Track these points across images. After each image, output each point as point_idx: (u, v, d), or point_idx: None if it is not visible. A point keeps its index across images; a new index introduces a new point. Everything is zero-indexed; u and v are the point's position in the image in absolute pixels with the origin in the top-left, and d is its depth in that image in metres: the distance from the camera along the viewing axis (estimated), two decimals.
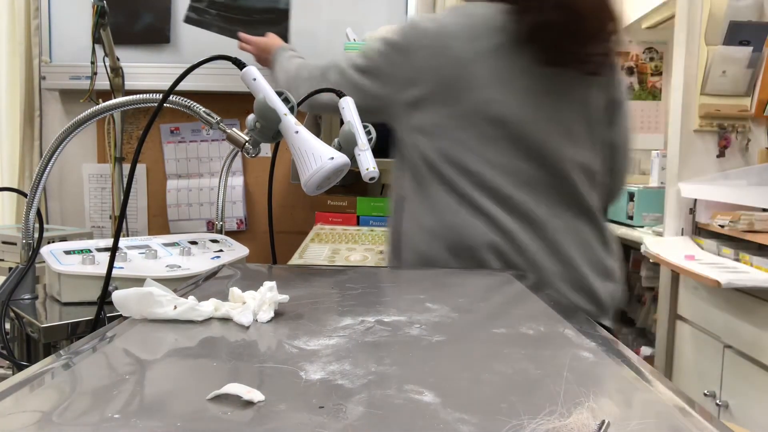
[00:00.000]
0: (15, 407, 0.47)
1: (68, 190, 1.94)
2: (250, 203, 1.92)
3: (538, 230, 1.08)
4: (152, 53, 1.83)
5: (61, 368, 0.57)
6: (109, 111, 0.98)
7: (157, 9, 1.82)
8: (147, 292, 0.72)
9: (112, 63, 1.67)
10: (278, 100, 0.91)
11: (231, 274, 1.04)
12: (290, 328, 0.69)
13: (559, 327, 0.72)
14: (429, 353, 0.62)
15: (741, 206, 1.87)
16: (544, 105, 1.10)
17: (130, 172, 0.90)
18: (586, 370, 0.59)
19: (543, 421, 0.44)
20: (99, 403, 0.48)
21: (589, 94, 1.13)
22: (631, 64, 3.04)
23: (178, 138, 1.90)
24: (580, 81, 1.12)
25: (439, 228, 1.10)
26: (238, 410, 0.47)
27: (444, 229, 1.10)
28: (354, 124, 1.05)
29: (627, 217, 2.62)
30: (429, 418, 0.45)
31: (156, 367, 0.58)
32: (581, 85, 1.12)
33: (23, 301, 1.08)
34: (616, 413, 0.46)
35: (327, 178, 0.89)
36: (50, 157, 1.00)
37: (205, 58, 0.91)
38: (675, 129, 2.14)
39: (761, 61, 2.04)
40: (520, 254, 1.07)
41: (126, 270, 1.06)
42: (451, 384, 0.53)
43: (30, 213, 1.03)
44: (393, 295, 0.88)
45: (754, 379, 1.63)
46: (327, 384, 0.52)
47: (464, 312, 0.78)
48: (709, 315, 1.88)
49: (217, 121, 0.95)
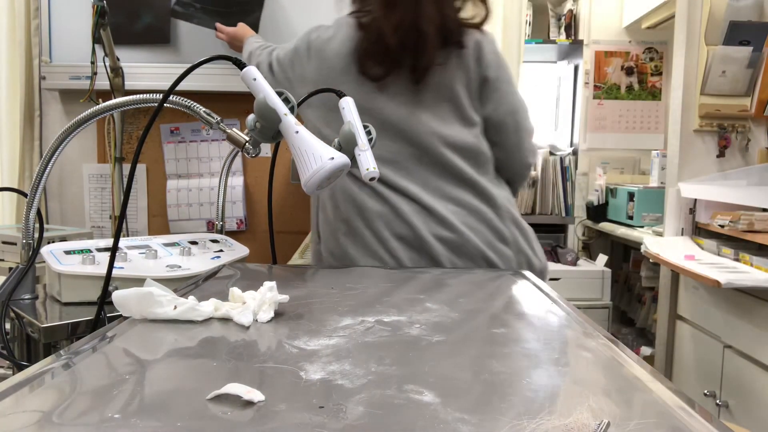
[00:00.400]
0: (15, 407, 0.47)
1: (68, 190, 1.94)
2: (250, 203, 1.92)
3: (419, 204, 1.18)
4: (152, 53, 1.83)
5: (61, 368, 0.57)
6: (109, 111, 0.98)
7: (157, 9, 1.82)
8: (147, 292, 0.72)
9: (112, 63, 1.67)
10: (278, 100, 0.91)
11: (231, 274, 1.04)
12: (290, 328, 0.69)
13: (560, 327, 0.72)
14: (429, 353, 0.62)
15: (741, 206, 1.87)
16: (409, 94, 1.20)
17: (130, 172, 0.90)
18: (586, 370, 0.59)
19: (543, 421, 0.44)
20: (99, 403, 0.48)
21: (453, 78, 1.20)
22: (631, 64, 3.04)
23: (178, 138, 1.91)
24: (439, 71, 1.19)
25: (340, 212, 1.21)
26: (238, 410, 0.47)
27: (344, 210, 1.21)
28: (354, 124, 1.05)
29: (627, 217, 2.62)
30: (429, 418, 0.45)
31: (156, 367, 0.58)
32: (440, 73, 1.19)
33: (23, 301, 1.08)
34: (616, 413, 0.46)
35: (327, 178, 0.89)
36: (50, 157, 1.00)
37: (205, 58, 0.91)
38: (675, 129, 2.14)
39: (761, 61, 2.04)
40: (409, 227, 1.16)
41: (126, 270, 1.06)
42: (451, 384, 0.53)
43: (30, 213, 1.03)
44: (393, 295, 0.88)
45: (754, 379, 1.63)
46: (327, 384, 0.52)
47: (464, 312, 0.78)
48: (709, 315, 1.88)
49: (217, 121, 0.95)
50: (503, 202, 1.23)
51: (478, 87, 1.23)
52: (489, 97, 1.24)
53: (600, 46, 3.03)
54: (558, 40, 3.02)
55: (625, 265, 3.02)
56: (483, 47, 1.22)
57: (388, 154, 1.19)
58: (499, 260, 1.17)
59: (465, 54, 1.20)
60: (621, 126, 3.07)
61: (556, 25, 3.10)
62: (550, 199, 2.93)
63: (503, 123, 1.25)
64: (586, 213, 2.95)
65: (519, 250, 1.21)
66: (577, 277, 2.57)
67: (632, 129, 3.08)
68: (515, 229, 1.22)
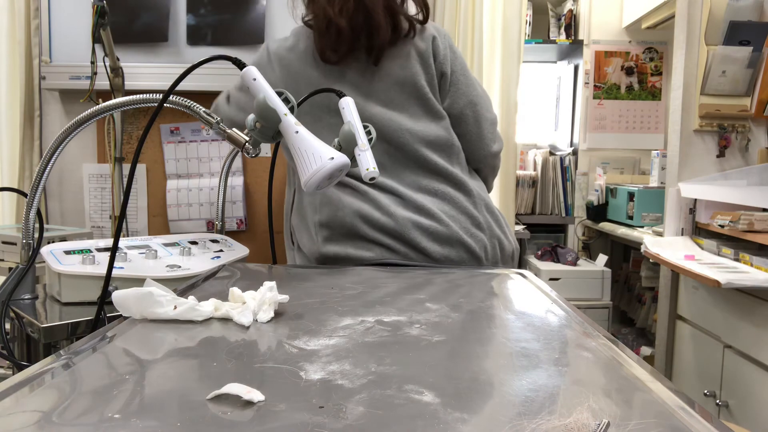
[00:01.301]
0: (15, 407, 0.47)
1: (68, 190, 1.94)
2: (250, 203, 1.92)
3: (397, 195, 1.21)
4: (152, 53, 1.83)
5: (61, 368, 0.57)
6: (109, 111, 0.98)
7: (157, 9, 1.82)
8: (147, 292, 0.72)
9: (112, 63, 1.66)
10: (278, 100, 0.91)
11: (231, 274, 1.04)
12: (290, 328, 0.69)
13: (559, 327, 0.72)
14: (429, 353, 0.62)
15: (741, 206, 1.87)
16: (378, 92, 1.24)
17: (130, 172, 0.90)
18: (586, 370, 0.59)
19: (543, 421, 0.44)
20: (99, 403, 0.48)
21: (415, 75, 1.24)
22: (631, 64, 3.04)
23: (178, 138, 1.90)
24: (400, 65, 1.24)
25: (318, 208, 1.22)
26: (238, 410, 0.47)
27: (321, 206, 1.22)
28: (354, 124, 1.05)
29: (627, 217, 2.62)
30: (429, 418, 0.45)
31: (156, 367, 0.58)
32: (402, 70, 1.24)
33: (23, 301, 1.08)
34: (616, 413, 0.46)
35: (327, 178, 0.89)
36: (50, 157, 1.00)
37: (205, 58, 0.91)
38: (675, 129, 2.14)
39: (761, 61, 2.04)
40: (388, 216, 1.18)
41: (126, 270, 1.06)
42: (451, 384, 0.53)
43: (30, 213, 1.03)
44: (393, 295, 0.88)
45: (754, 379, 1.63)
46: (327, 384, 0.52)
47: (464, 312, 0.78)
48: (709, 315, 1.88)
49: (217, 121, 0.95)
50: (477, 190, 1.28)
51: (438, 82, 1.28)
52: (447, 91, 1.28)
53: (600, 46, 3.03)
54: (558, 40, 3.02)
55: (625, 265, 3.02)
56: (438, 42, 1.27)
57: None
58: (475, 245, 1.22)
59: (422, 50, 1.25)
60: (621, 126, 3.07)
61: (556, 25, 3.10)
62: (550, 199, 2.93)
63: (463, 115, 1.29)
64: (586, 213, 2.95)
65: (492, 234, 1.26)
66: (577, 277, 2.57)
67: (632, 129, 3.08)
68: (488, 215, 1.27)
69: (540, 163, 2.94)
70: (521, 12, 2.42)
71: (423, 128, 1.24)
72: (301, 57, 1.25)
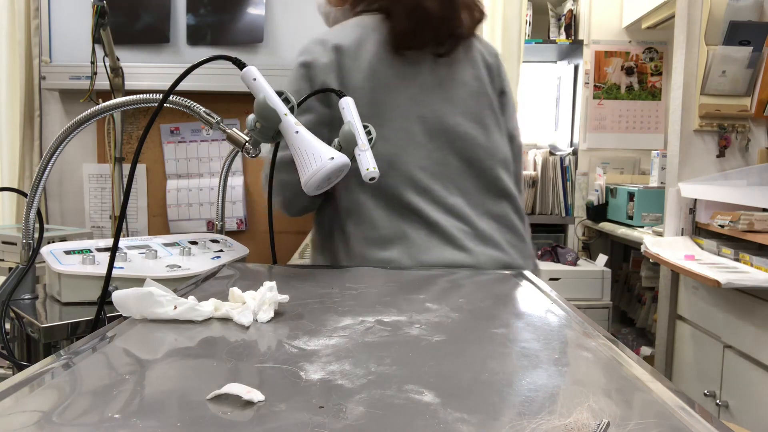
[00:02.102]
0: (15, 407, 0.47)
1: (68, 190, 1.94)
2: (250, 203, 1.92)
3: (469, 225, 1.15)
4: (152, 53, 1.83)
5: (61, 368, 0.57)
6: (109, 111, 0.98)
7: (157, 9, 1.82)
8: (147, 292, 0.72)
9: (112, 63, 1.66)
10: (278, 100, 0.91)
11: (231, 274, 1.04)
12: (290, 328, 0.69)
13: (559, 327, 0.72)
14: (429, 353, 0.62)
15: (741, 206, 1.87)
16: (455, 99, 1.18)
17: (130, 172, 0.90)
18: (586, 370, 0.59)
19: (543, 421, 0.44)
20: (99, 403, 0.48)
21: (487, 86, 1.21)
22: (631, 64, 3.04)
23: (178, 138, 1.90)
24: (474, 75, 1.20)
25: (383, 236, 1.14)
26: (238, 410, 0.47)
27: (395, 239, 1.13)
28: (354, 124, 1.05)
29: (627, 217, 2.63)
30: (429, 418, 0.45)
31: (156, 367, 0.58)
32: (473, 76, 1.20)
33: (23, 301, 1.08)
34: (616, 413, 0.46)
35: (327, 178, 0.89)
36: (50, 157, 1.00)
37: (205, 58, 0.91)
38: (675, 129, 2.15)
39: (761, 61, 2.04)
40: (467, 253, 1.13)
41: (126, 270, 1.06)
42: (451, 384, 0.53)
43: (30, 213, 1.03)
44: (393, 295, 0.88)
45: (754, 379, 1.63)
46: (327, 384, 0.52)
47: (464, 312, 0.78)
48: (709, 315, 1.88)
49: (217, 121, 0.95)
50: (524, 214, 1.25)
51: (498, 98, 1.25)
52: (504, 109, 1.26)
53: (600, 46, 3.03)
54: (558, 40, 3.03)
55: (625, 265, 3.02)
56: (500, 59, 1.28)
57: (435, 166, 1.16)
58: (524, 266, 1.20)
59: (490, 63, 1.24)
60: (621, 126, 3.07)
61: (556, 25, 3.10)
62: (550, 199, 2.93)
63: (512, 136, 1.27)
64: (586, 213, 2.95)
65: (534, 255, 1.27)
66: (577, 277, 2.57)
67: (632, 129, 3.08)
68: (528, 235, 1.26)
69: (540, 163, 2.94)
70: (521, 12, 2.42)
71: (496, 144, 1.20)
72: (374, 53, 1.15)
